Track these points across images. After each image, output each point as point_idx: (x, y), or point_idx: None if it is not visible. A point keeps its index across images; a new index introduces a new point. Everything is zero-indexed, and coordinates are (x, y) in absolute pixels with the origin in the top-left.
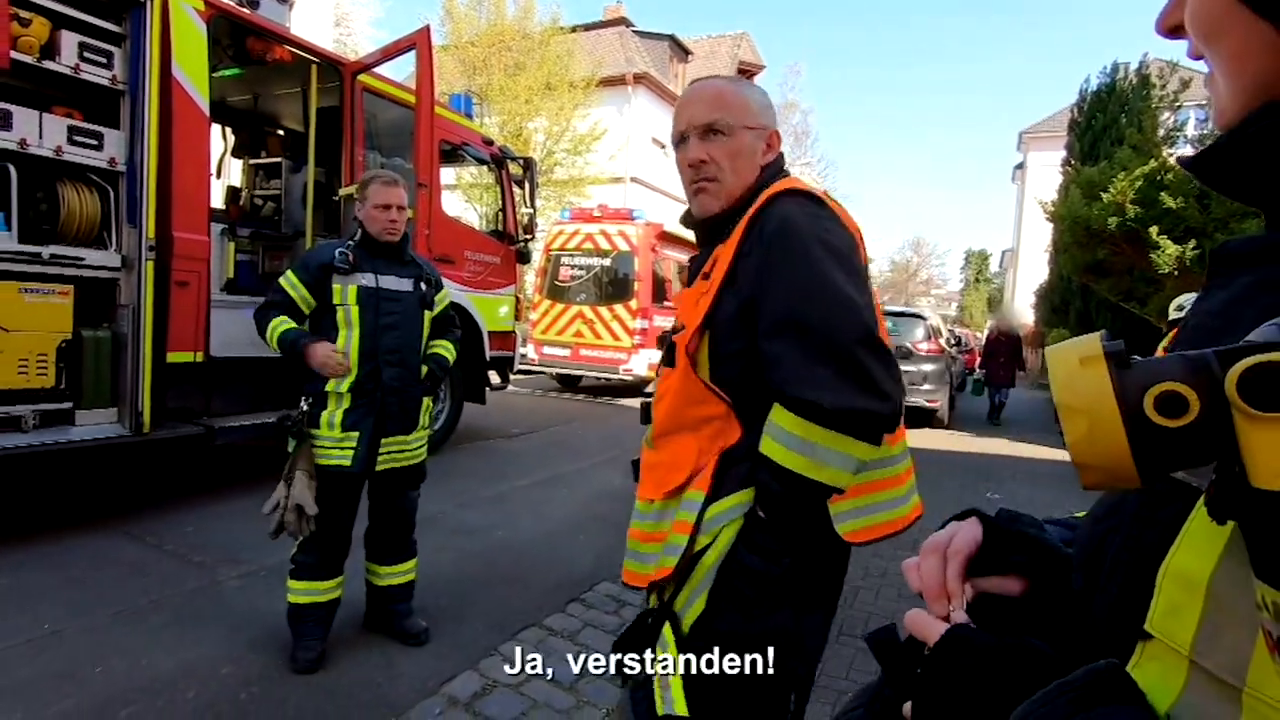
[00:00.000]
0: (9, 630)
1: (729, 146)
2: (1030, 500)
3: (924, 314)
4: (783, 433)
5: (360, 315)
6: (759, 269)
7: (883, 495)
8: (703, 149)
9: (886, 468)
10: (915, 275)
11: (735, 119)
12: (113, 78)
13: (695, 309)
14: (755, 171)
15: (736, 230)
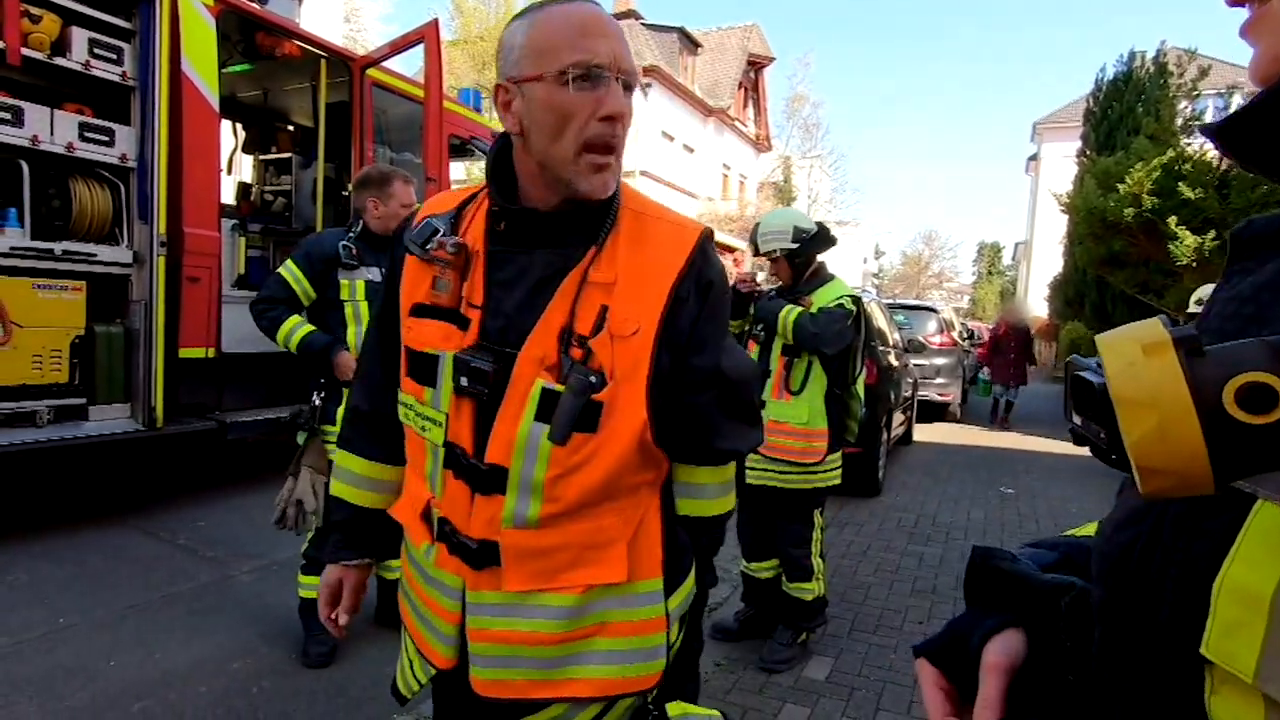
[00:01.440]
0: (25, 623)
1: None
2: (1044, 495)
3: (936, 307)
4: (707, 488)
5: (369, 310)
6: (694, 322)
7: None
8: (627, 104)
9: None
10: (927, 268)
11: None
12: (123, 74)
13: (620, 357)
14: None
15: (636, 254)
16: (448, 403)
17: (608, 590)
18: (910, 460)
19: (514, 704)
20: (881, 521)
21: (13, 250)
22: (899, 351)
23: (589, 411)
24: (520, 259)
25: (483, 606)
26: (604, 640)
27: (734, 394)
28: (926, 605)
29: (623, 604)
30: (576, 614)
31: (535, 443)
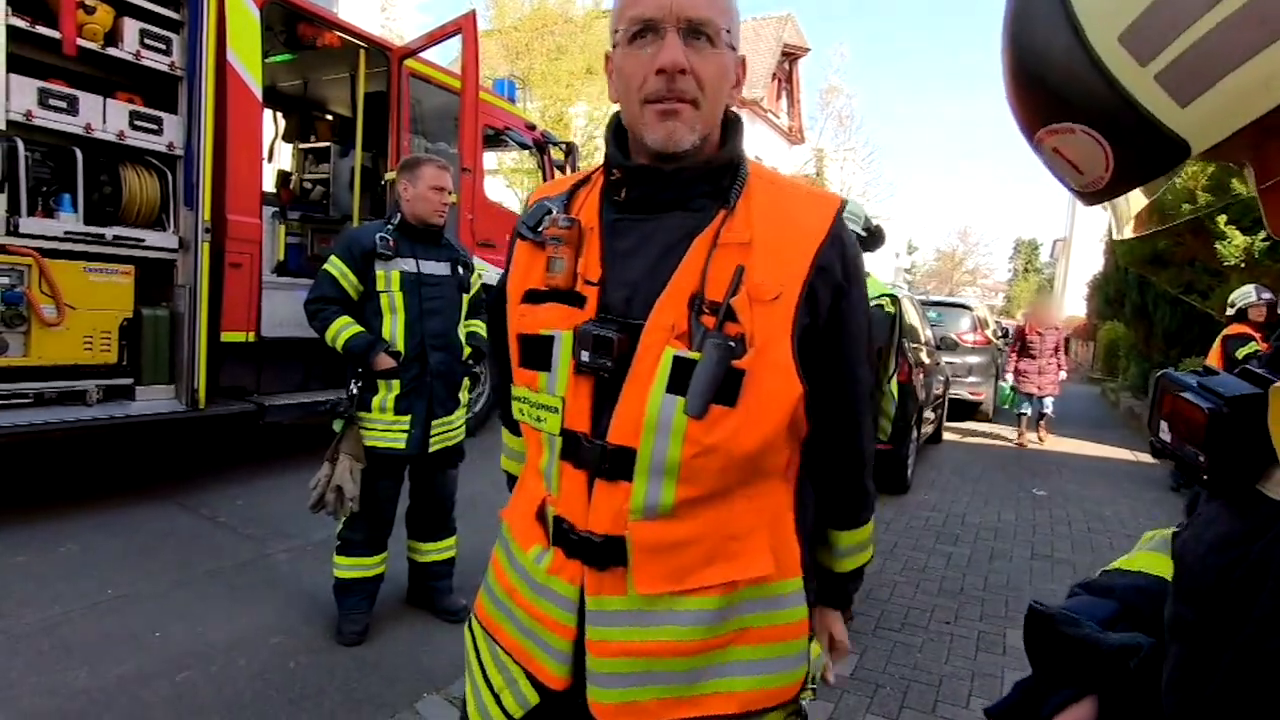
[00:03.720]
0: (77, 593)
1: (716, 62)
2: (1078, 498)
3: (970, 304)
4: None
5: (405, 301)
6: (837, 302)
7: None
8: (684, 53)
9: None
10: (961, 264)
11: (731, 30)
12: (171, 64)
13: (760, 322)
14: (724, 105)
15: (783, 224)
16: (564, 385)
17: (752, 591)
18: (940, 459)
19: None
20: (909, 520)
21: (67, 234)
22: (931, 349)
23: (729, 381)
24: (645, 225)
25: (606, 615)
26: (744, 648)
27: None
28: (954, 605)
29: (766, 606)
30: (717, 619)
31: (668, 417)
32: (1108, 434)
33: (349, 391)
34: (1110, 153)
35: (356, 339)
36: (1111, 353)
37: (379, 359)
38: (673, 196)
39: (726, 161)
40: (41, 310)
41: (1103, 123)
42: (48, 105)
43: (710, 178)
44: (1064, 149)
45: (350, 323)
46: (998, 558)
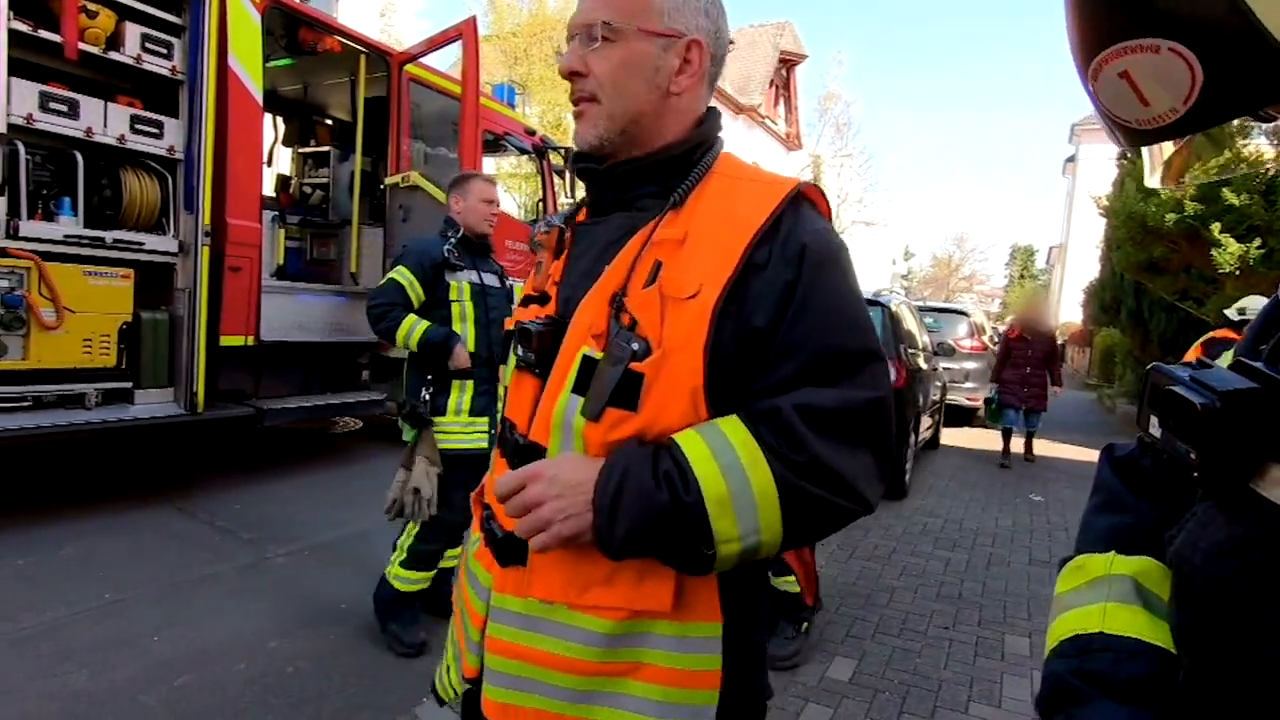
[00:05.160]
0: (77, 596)
1: (613, 56)
2: (1075, 503)
3: (967, 310)
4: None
5: (474, 310)
6: (782, 298)
7: None
8: (578, 57)
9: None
10: (957, 270)
11: (624, 19)
12: (172, 68)
13: (671, 322)
14: (657, 95)
15: (716, 214)
16: (509, 376)
17: (655, 625)
18: (937, 465)
19: None
20: (907, 525)
21: (67, 238)
22: (928, 355)
23: (627, 384)
24: (596, 227)
25: (504, 614)
26: (640, 684)
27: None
28: (952, 610)
29: (669, 645)
30: (610, 644)
31: (570, 417)
32: (1104, 439)
33: (420, 398)
34: (1199, 76)
35: (433, 331)
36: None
37: (458, 349)
38: (614, 198)
39: (673, 157)
40: (41, 313)
41: (1203, 36)
42: (49, 109)
43: (655, 176)
44: (1135, 72)
45: (420, 319)
46: (996, 563)
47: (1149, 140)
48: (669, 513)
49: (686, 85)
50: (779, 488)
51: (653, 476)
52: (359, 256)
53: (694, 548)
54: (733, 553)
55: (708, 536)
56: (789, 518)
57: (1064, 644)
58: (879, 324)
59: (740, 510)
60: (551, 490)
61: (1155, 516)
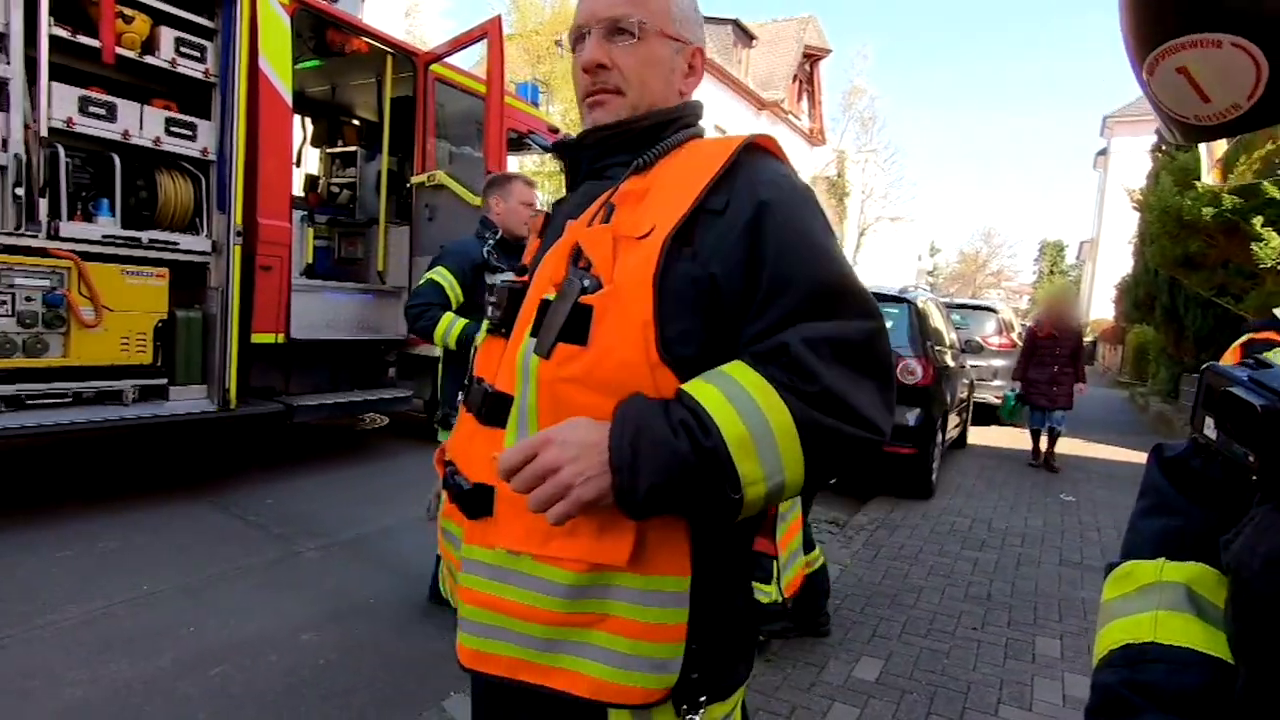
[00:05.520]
0: (115, 588)
1: (639, 53)
2: (1108, 504)
3: (995, 307)
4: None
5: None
6: (750, 248)
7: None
8: (603, 50)
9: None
10: (984, 267)
11: (651, 19)
12: (205, 71)
13: (624, 260)
14: (673, 95)
15: (677, 170)
16: (483, 336)
17: (618, 577)
18: (965, 463)
19: (502, 685)
20: (934, 525)
21: (105, 238)
22: (955, 352)
23: (577, 318)
24: (570, 198)
25: (474, 564)
26: (604, 634)
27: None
28: (981, 611)
29: (634, 598)
30: (574, 595)
31: (528, 359)
32: (1137, 439)
33: (455, 402)
34: (1264, 72)
35: (471, 327)
36: (1140, 356)
37: None
38: (586, 168)
39: (645, 128)
40: (80, 312)
41: (1271, 32)
42: (87, 112)
43: (626, 145)
44: (1194, 67)
45: (457, 317)
46: (1025, 563)
47: (1208, 136)
48: (691, 461)
49: (691, 87)
50: (797, 423)
51: (668, 426)
52: (386, 255)
53: (720, 494)
54: (759, 495)
55: (734, 480)
56: (810, 453)
57: (1114, 654)
58: (904, 322)
59: (762, 451)
60: (567, 454)
61: (1206, 520)
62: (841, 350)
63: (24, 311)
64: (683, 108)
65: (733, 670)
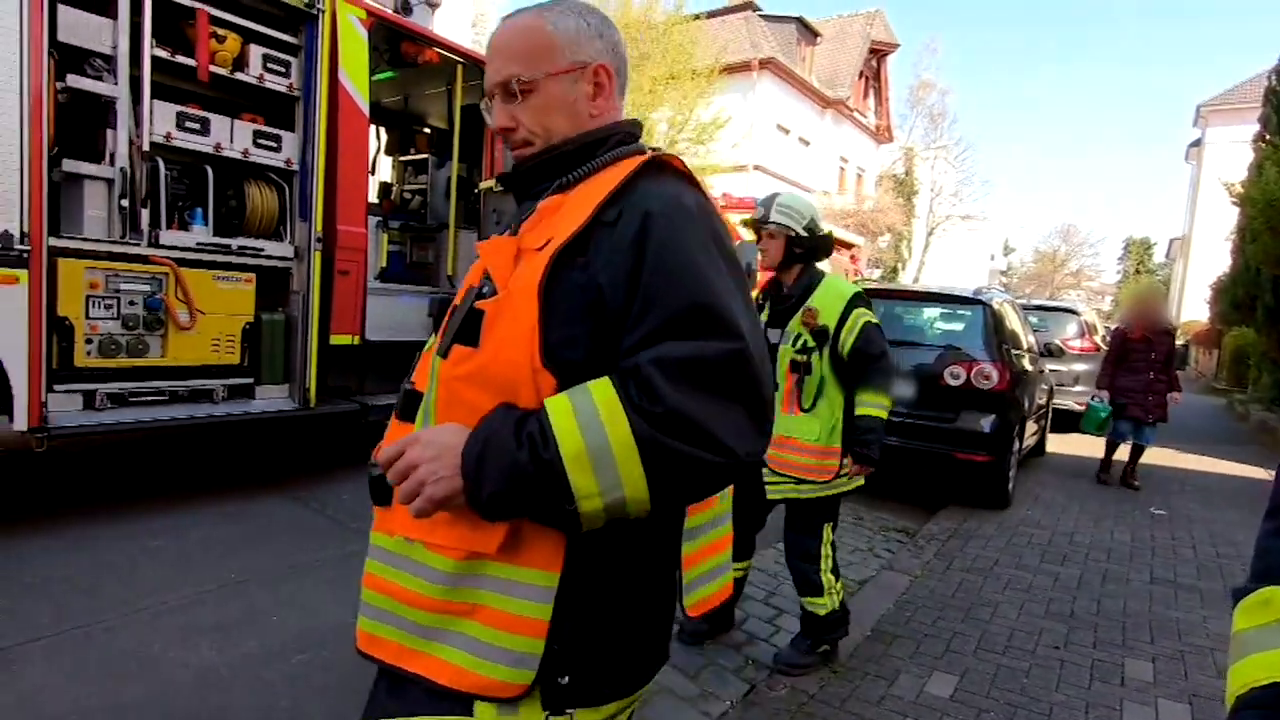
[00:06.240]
0: (203, 577)
1: (535, 105)
2: (1204, 520)
3: (1077, 308)
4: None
5: None
6: (634, 261)
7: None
8: (504, 114)
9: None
10: (1063, 266)
11: (536, 69)
12: (290, 85)
13: (519, 270)
14: (583, 121)
15: (590, 187)
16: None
17: (492, 567)
18: (1044, 473)
19: (390, 672)
20: (1011, 536)
21: (199, 245)
22: (1033, 356)
23: (471, 321)
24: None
25: (377, 550)
26: (474, 624)
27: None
28: (1063, 629)
29: (503, 588)
30: (453, 582)
31: (435, 360)
32: (1236, 450)
33: None
34: None
35: None
36: (1239, 361)
37: None
38: (516, 193)
39: (566, 152)
40: (177, 315)
41: None
42: (184, 127)
43: (552, 171)
44: None
45: None
46: (1112, 580)
47: None
48: (529, 471)
49: (603, 107)
50: (637, 441)
51: (515, 437)
52: (455, 259)
53: (557, 505)
54: (595, 509)
55: (568, 492)
56: (652, 472)
57: (1256, 692)
58: (979, 324)
59: (599, 465)
60: (427, 453)
61: None
62: (695, 372)
63: (128, 315)
64: (609, 128)
65: (611, 679)
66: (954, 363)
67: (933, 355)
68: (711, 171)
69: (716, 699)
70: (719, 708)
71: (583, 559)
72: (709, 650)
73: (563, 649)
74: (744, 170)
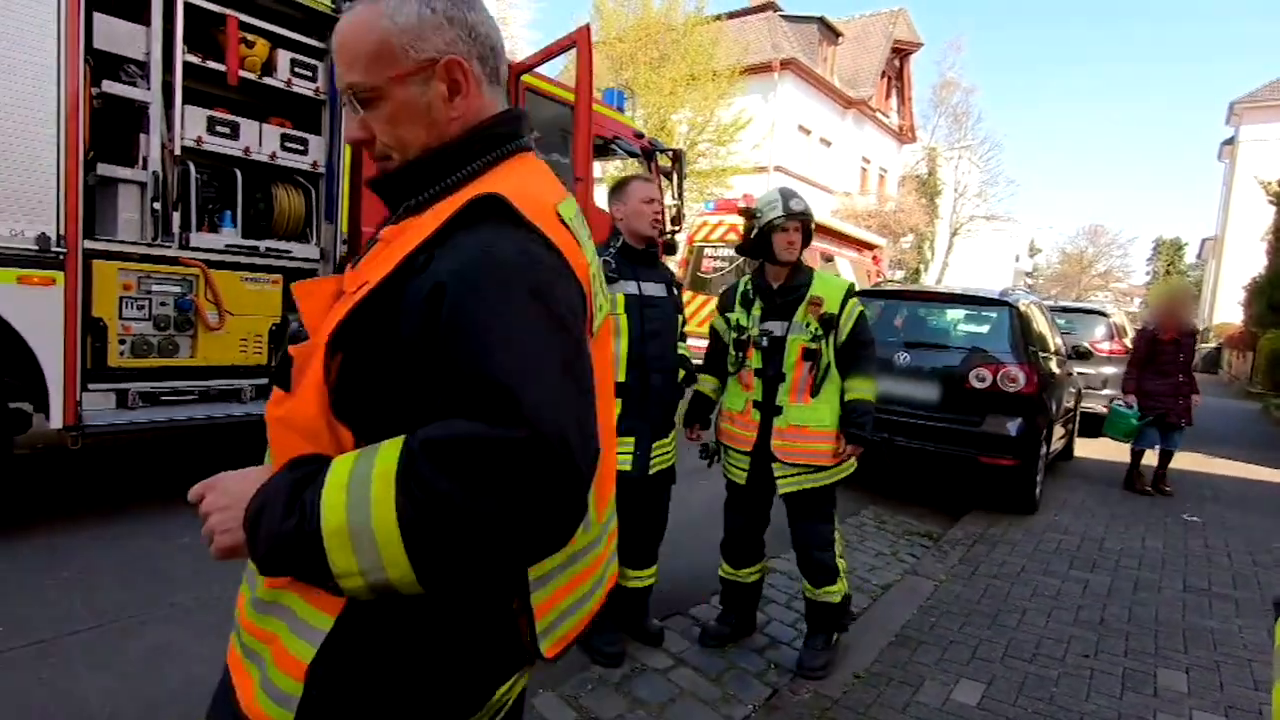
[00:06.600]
0: (231, 573)
1: (384, 115)
2: (1240, 527)
3: (1106, 310)
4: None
5: (628, 323)
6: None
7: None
8: (358, 123)
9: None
10: (1090, 267)
11: (378, 75)
12: (316, 89)
13: (330, 317)
14: (444, 127)
15: (428, 217)
16: None
17: (284, 595)
18: (1071, 478)
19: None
20: (1038, 542)
21: (228, 247)
22: (1061, 358)
23: (284, 365)
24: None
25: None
26: (269, 653)
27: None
28: (1093, 638)
29: (289, 621)
30: (264, 609)
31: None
32: (1272, 455)
33: None
34: None
35: None
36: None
37: None
38: (387, 203)
39: (429, 162)
40: (207, 316)
41: None
42: (214, 131)
43: (408, 188)
44: None
45: None
46: (1144, 588)
47: None
48: (292, 541)
49: (464, 108)
50: (400, 525)
51: (287, 503)
52: None
53: (320, 578)
54: (358, 587)
55: (327, 570)
56: (416, 559)
57: None
58: (1005, 326)
59: (360, 546)
60: (220, 502)
61: None
62: (464, 458)
63: (159, 315)
64: (474, 131)
65: None
66: (980, 365)
67: (958, 358)
68: (732, 173)
69: (739, 702)
70: (741, 711)
71: (364, 608)
72: (730, 653)
73: (320, 696)
74: (765, 171)
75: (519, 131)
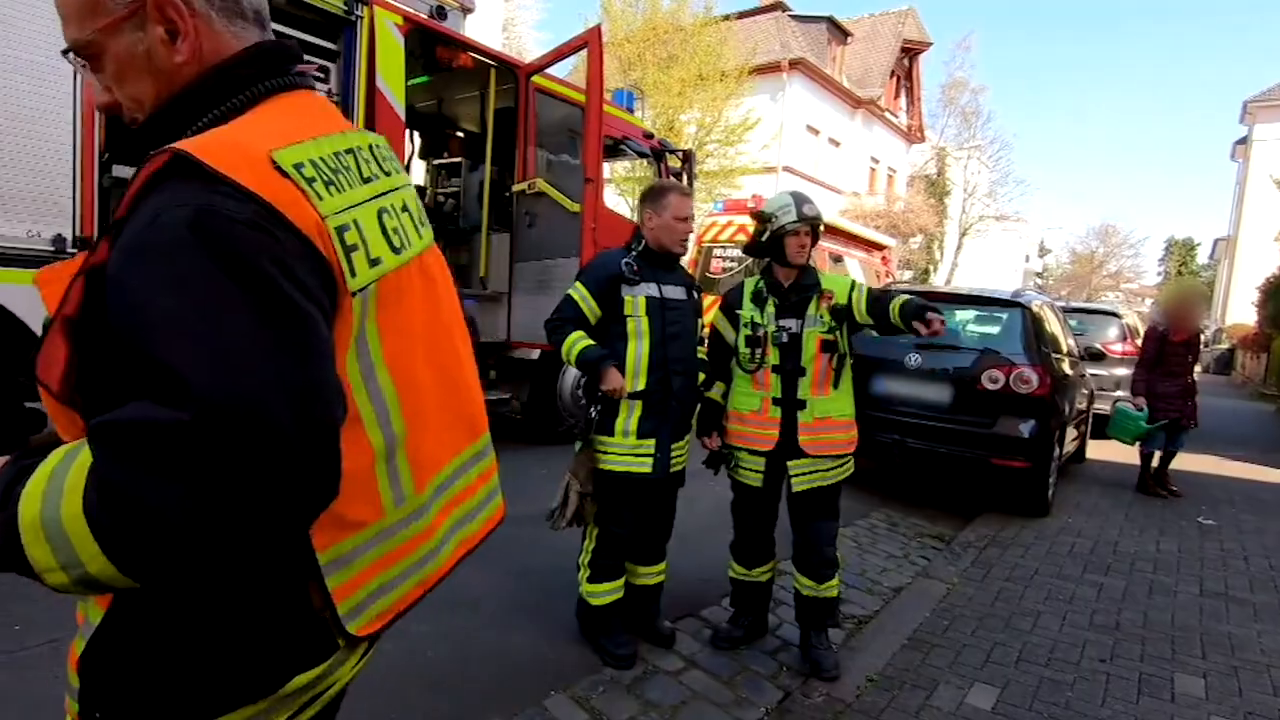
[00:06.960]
0: None
1: (110, 71)
2: (1256, 530)
3: (1118, 311)
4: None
5: (649, 325)
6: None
7: None
8: (101, 88)
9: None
10: (1100, 267)
11: (87, 25)
12: (329, 90)
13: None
14: (172, 74)
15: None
16: None
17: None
18: (1084, 480)
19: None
20: (1051, 545)
21: None
22: (1073, 360)
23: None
24: None
25: None
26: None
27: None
28: (1109, 642)
29: (81, 619)
30: (80, 596)
31: None
32: None
33: (588, 415)
34: None
35: (588, 350)
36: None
37: (608, 372)
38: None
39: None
40: None
41: None
42: None
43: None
44: None
45: (584, 336)
46: (1159, 592)
47: None
48: (1, 536)
49: (190, 50)
50: (87, 517)
51: (4, 493)
52: (488, 261)
53: (30, 573)
54: (62, 583)
55: (27, 564)
56: (112, 552)
57: None
58: (1018, 326)
59: (53, 540)
60: None
61: None
62: (134, 441)
63: None
64: (203, 80)
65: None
66: (992, 366)
67: (970, 359)
68: (741, 173)
69: (751, 705)
70: (753, 714)
71: (131, 598)
72: (743, 656)
73: (91, 686)
74: (773, 172)
75: (275, 68)
